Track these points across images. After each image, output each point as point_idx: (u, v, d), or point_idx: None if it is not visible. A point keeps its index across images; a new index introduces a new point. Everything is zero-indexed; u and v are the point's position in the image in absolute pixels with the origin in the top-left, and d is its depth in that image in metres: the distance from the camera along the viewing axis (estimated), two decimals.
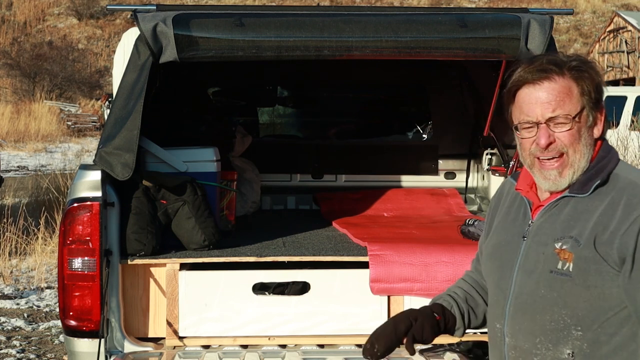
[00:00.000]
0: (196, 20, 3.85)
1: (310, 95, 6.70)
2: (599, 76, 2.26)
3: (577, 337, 2.19)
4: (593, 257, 2.16)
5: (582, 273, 2.17)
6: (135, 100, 3.82)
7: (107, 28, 45.66)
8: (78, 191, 3.79)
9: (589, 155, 2.26)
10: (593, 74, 2.25)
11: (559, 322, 2.20)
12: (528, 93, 2.27)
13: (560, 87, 2.23)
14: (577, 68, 2.25)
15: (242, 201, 5.49)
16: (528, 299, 2.27)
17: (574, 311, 2.19)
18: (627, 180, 2.21)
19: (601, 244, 2.15)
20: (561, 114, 2.22)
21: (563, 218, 2.25)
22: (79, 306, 3.78)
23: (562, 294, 2.20)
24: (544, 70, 2.24)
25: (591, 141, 2.27)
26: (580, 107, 2.23)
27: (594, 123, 2.27)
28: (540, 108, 2.24)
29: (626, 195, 2.18)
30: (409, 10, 4.27)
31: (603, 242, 2.15)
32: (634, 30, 33.80)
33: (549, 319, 2.22)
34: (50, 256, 9.08)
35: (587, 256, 2.16)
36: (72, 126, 30.42)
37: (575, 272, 2.17)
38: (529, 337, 2.26)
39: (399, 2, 45.71)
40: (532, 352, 2.25)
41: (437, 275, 3.90)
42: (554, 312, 2.21)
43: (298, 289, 4.02)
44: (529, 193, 2.37)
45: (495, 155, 5.78)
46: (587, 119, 2.25)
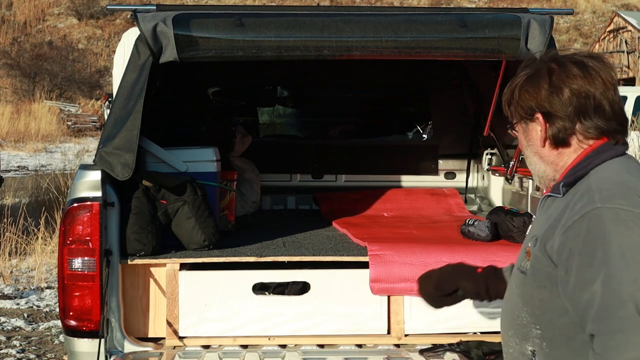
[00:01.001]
0: (196, 20, 3.85)
1: (310, 95, 6.70)
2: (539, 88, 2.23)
3: (536, 336, 2.21)
4: (542, 256, 2.16)
5: (534, 272, 2.19)
6: (135, 100, 3.82)
7: (107, 28, 45.66)
8: (78, 191, 3.79)
9: (540, 164, 2.28)
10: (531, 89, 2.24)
11: (522, 319, 2.24)
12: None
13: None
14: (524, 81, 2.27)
15: (242, 201, 5.49)
16: (507, 294, 2.36)
17: (532, 309, 2.21)
18: (588, 181, 2.17)
19: (550, 245, 2.15)
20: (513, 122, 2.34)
21: (541, 218, 2.29)
22: (79, 306, 3.78)
23: (522, 292, 2.24)
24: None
25: (536, 150, 2.27)
26: (515, 119, 2.31)
27: (530, 133, 2.28)
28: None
29: (578, 196, 2.15)
30: (409, 10, 4.28)
31: (551, 242, 2.15)
32: (634, 30, 33.80)
33: (516, 314, 2.27)
34: (50, 256, 9.08)
35: (537, 255, 2.18)
36: (72, 126, 30.42)
37: (530, 270, 2.21)
38: (507, 330, 2.33)
39: (399, 2, 45.71)
40: (508, 344, 2.32)
41: None
42: (518, 308, 2.26)
43: (298, 289, 4.02)
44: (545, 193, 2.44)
45: (495, 155, 5.78)
46: (522, 129, 2.30)
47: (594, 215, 2.05)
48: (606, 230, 2.02)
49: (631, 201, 2.05)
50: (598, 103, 2.18)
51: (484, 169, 5.92)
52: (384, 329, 3.97)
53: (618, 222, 2.02)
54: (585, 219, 2.06)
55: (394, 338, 3.95)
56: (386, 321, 3.97)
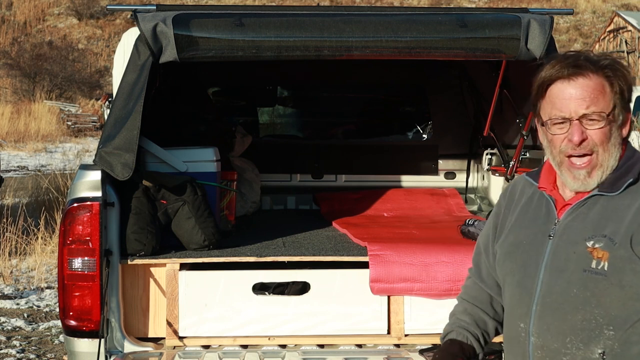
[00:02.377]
0: (196, 20, 3.85)
1: (310, 95, 6.70)
2: (630, 77, 2.26)
3: (608, 337, 2.17)
4: (629, 257, 2.14)
5: (617, 272, 2.15)
6: (135, 100, 3.82)
7: (107, 28, 45.66)
8: (78, 191, 3.79)
9: (617, 155, 2.25)
10: (625, 74, 2.24)
11: (591, 322, 2.19)
12: (561, 88, 2.24)
13: (594, 84, 2.21)
14: (610, 67, 2.23)
15: (242, 201, 5.49)
16: (558, 298, 2.24)
17: (607, 311, 2.17)
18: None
19: (637, 243, 2.14)
20: (595, 110, 2.21)
21: (593, 217, 2.23)
22: (79, 306, 3.78)
23: (595, 293, 2.18)
24: (579, 67, 2.23)
25: (620, 140, 2.26)
26: (612, 105, 2.22)
27: (623, 123, 2.26)
28: (574, 104, 2.22)
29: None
30: (409, 10, 4.27)
31: (638, 240, 2.14)
32: (634, 30, 33.81)
33: (580, 319, 2.20)
34: (50, 256, 9.07)
35: (623, 255, 2.15)
36: (72, 126, 30.41)
37: (611, 271, 2.16)
38: (558, 337, 2.23)
39: (399, 2, 45.71)
40: (562, 351, 2.23)
41: (437, 275, 3.90)
42: (587, 311, 2.19)
43: (298, 289, 4.02)
44: (553, 192, 2.36)
45: (495, 155, 5.78)
46: (617, 118, 2.24)
47: None
48: None
49: None
50: None
51: (484, 169, 5.92)
52: (384, 329, 3.97)
53: None
54: None
55: (394, 338, 3.95)
56: (386, 321, 3.97)
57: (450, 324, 2.60)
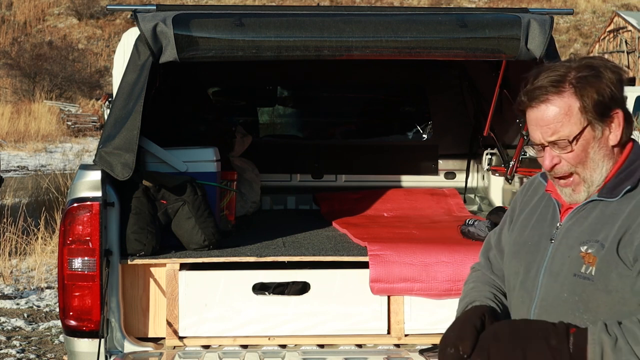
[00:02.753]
0: (196, 20, 3.85)
1: (310, 95, 6.70)
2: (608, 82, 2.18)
3: None
4: (615, 261, 2.14)
5: (603, 277, 2.15)
6: (135, 100, 3.82)
7: (107, 28, 45.67)
8: (78, 191, 3.79)
9: (603, 167, 2.22)
10: (599, 84, 2.18)
11: (581, 326, 2.17)
12: (529, 116, 2.24)
13: (557, 108, 2.18)
14: (580, 81, 2.18)
15: (242, 201, 5.49)
16: (553, 301, 2.25)
17: (595, 316, 2.17)
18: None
19: (622, 247, 2.13)
20: (560, 137, 2.19)
21: (590, 221, 2.23)
22: (79, 306, 3.78)
23: (583, 298, 2.18)
24: (541, 93, 2.19)
25: (605, 152, 2.22)
26: (581, 126, 2.18)
27: (605, 134, 2.22)
28: (540, 132, 2.21)
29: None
30: (409, 10, 4.28)
31: (623, 244, 2.13)
32: (634, 30, 33.81)
33: (572, 322, 2.18)
34: (50, 256, 9.07)
35: (609, 260, 2.14)
36: (72, 126, 30.41)
37: (597, 276, 2.15)
38: None
39: (399, 2, 45.72)
40: None
41: (437, 275, 3.91)
42: (576, 316, 2.19)
43: (298, 289, 4.02)
44: (559, 195, 2.35)
45: (495, 155, 5.78)
46: (592, 134, 2.20)
47: None
48: None
49: None
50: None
51: (484, 169, 5.92)
52: (384, 329, 3.97)
53: None
54: None
55: (394, 338, 3.95)
56: (386, 321, 3.97)
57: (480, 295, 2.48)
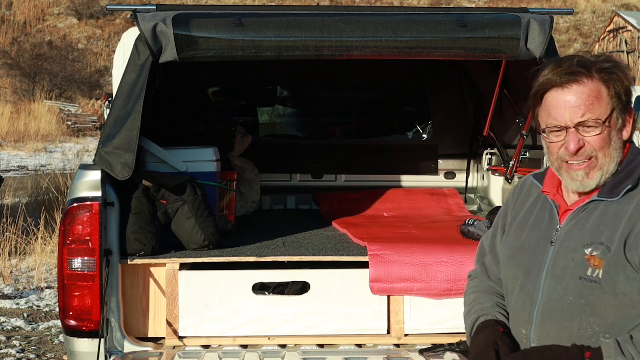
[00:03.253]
0: (196, 20, 3.85)
1: (310, 95, 6.70)
2: (628, 78, 2.22)
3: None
4: (622, 264, 2.12)
5: (611, 280, 2.14)
6: (135, 100, 3.82)
7: (107, 28, 45.66)
8: (78, 191, 3.79)
9: (618, 159, 2.23)
10: (623, 76, 2.21)
11: (587, 330, 2.17)
12: (556, 97, 2.22)
13: (589, 90, 2.19)
14: (606, 70, 2.20)
15: (242, 201, 5.49)
16: (556, 305, 2.23)
17: (602, 319, 2.15)
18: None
19: (629, 249, 2.13)
20: (591, 118, 2.18)
21: (592, 223, 2.22)
22: (79, 306, 3.78)
23: (590, 302, 2.16)
24: (573, 74, 2.20)
25: (621, 144, 2.23)
26: (610, 110, 2.19)
27: (623, 126, 2.24)
28: (570, 113, 2.19)
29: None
30: (409, 10, 4.27)
31: (630, 246, 2.12)
32: (634, 30, 33.81)
33: (577, 327, 2.18)
34: (50, 256, 9.07)
35: (616, 262, 2.13)
36: (72, 126, 30.42)
37: (605, 279, 2.14)
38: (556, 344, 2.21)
39: (399, 2, 45.71)
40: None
41: (437, 275, 3.90)
42: (582, 319, 2.18)
43: (298, 289, 4.02)
44: (556, 196, 2.34)
45: (495, 155, 5.78)
46: (616, 122, 2.22)
47: None
48: None
49: None
50: None
51: (484, 169, 5.92)
52: (384, 329, 3.97)
53: None
54: None
55: (394, 338, 3.95)
56: (386, 321, 3.97)
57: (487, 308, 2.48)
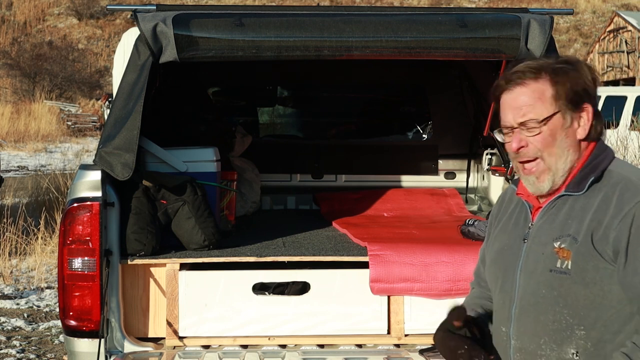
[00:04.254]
0: (196, 20, 3.85)
1: (310, 95, 6.70)
2: (585, 77, 2.26)
3: (580, 337, 2.19)
4: (590, 254, 2.17)
5: (580, 270, 2.18)
6: (135, 100, 3.82)
7: (107, 28, 45.65)
8: (78, 191, 3.79)
9: (568, 157, 2.27)
10: (577, 75, 2.26)
11: (562, 322, 2.20)
12: (504, 99, 2.32)
13: (531, 91, 2.26)
14: (556, 70, 2.26)
15: (242, 201, 5.49)
16: (531, 299, 2.27)
17: (575, 310, 2.19)
18: (620, 175, 2.23)
19: (597, 240, 2.17)
20: (531, 118, 2.25)
21: (561, 217, 2.27)
22: (79, 306, 3.78)
23: (562, 293, 2.21)
24: (518, 77, 2.28)
25: (571, 143, 2.27)
26: (552, 110, 2.25)
27: (573, 125, 2.27)
28: (512, 113, 2.28)
29: (619, 189, 2.20)
30: (409, 10, 4.27)
31: (598, 238, 2.17)
32: (634, 30, 33.79)
33: (551, 319, 2.22)
34: (50, 256, 9.07)
35: (584, 253, 2.18)
36: (72, 126, 30.42)
37: (574, 269, 2.18)
38: (533, 339, 2.26)
39: (399, 2, 45.70)
40: (537, 353, 2.25)
41: (437, 275, 3.91)
42: (556, 311, 2.21)
43: (298, 289, 4.02)
44: (529, 197, 2.40)
45: (495, 155, 5.78)
46: (562, 122, 2.26)
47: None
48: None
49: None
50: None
51: (484, 169, 5.92)
52: (384, 329, 3.97)
53: None
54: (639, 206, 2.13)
55: (394, 338, 3.95)
56: (386, 321, 3.97)
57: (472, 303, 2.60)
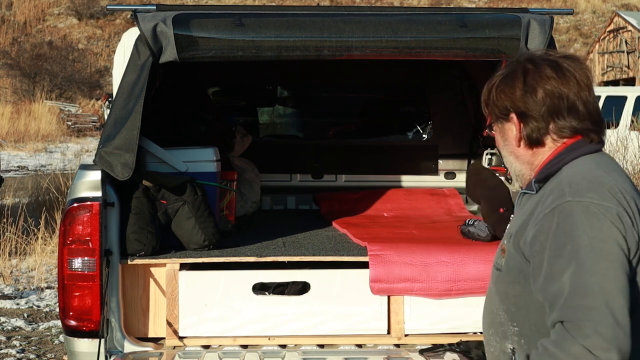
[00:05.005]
0: (196, 20, 3.85)
1: (310, 95, 6.70)
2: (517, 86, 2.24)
3: (514, 333, 2.22)
4: (516, 252, 2.20)
5: (508, 268, 2.22)
6: (135, 100, 3.82)
7: (107, 28, 45.65)
8: (78, 191, 3.79)
9: (514, 163, 2.32)
10: (506, 84, 2.26)
11: (500, 317, 2.26)
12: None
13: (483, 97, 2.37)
14: (498, 78, 2.30)
15: (242, 201, 5.49)
16: (487, 295, 2.37)
17: (507, 306, 2.23)
18: (558, 179, 2.19)
19: (520, 240, 2.19)
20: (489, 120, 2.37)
21: (518, 215, 2.32)
22: (79, 306, 3.78)
23: (498, 289, 2.27)
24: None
25: (511, 149, 2.30)
26: (491, 116, 2.33)
27: (507, 132, 2.30)
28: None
29: (547, 192, 2.18)
30: (409, 10, 4.27)
31: (521, 237, 2.19)
32: (634, 30, 33.79)
33: (495, 313, 2.28)
34: (50, 256, 9.07)
35: (511, 251, 2.22)
36: (72, 126, 30.42)
37: (505, 267, 2.24)
38: (487, 329, 2.35)
39: (399, 2, 45.70)
40: (490, 343, 2.33)
41: (437, 275, 3.91)
42: (496, 306, 2.28)
43: (298, 289, 4.02)
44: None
45: (495, 155, 5.77)
46: (498, 128, 2.33)
47: (564, 209, 2.07)
48: (576, 223, 2.04)
49: (601, 195, 2.07)
50: (572, 103, 2.20)
51: None
52: (384, 329, 3.97)
53: (588, 215, 2.04)
54: (555, 212, 2.08)
55: (394, 338, 3.96)
56: (386, 321, 3.97)
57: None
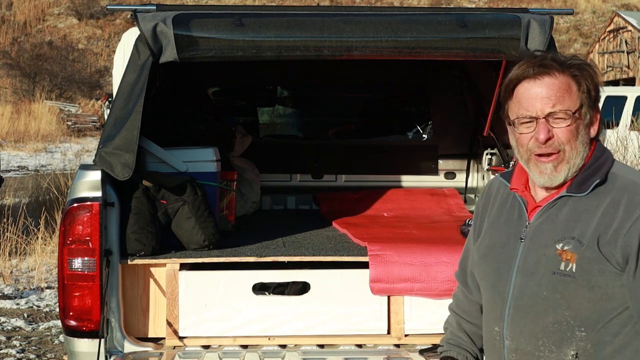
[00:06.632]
0: (196, 20, 3.85)
1: (310, 95, 6.70)
2: (597, 77, 2.27)
3: (580, 338, 2.18)
4: (596, 258, 2.15)
5: (585, 273, 2.16)
6: (135, 100, 3.82)
7: (107, 28, 45.65)
8: (78, 191, 3.79)
9: (584, 154, 2.26)
10: (592, 74, 2.26)
11: (562, 324, 2.20)
12: (528, 88, 2.26)
13: (560, 82, 2.23)
14: (577, 66, 2.25)
15: (242, 201, 5.49)
16: (529, 301, 2.25)
17: (577, 312, 2.18)
18: (626, 179, 2.22)
19: (604, 244, 2.15)
20: (560, 109, 2.22)
21: (562, 218, 2.24)
22: (79, 306, 3.78)
23: (565, 295, 2.19)
24: (545, 66, 2.24)
25: (588, 139, 2.27)
26: (579, 103, 2.23)
27: (591, 122, 2.27)
28: (540, 103, 2.23)
29: (627, 194, 2.18)
30: (409, 10, 4.27)
31: (606, 241, 2.15)
32: (634, 30, 33.79)
33: (552, 321, 2.21)
34: (50, 256, 9.07)
35: (590, 256, 2.16)
36: (72, 126, 30.42)
37: (579, 272, 2.17)
38: (531, 340, 2.25)
39: (399, 2, 45.70)
40: (535, 354, 2.24)
41: (437, 275, 3.91)
42: (557, 313, 2.20)
43: (298, 289, 4.02)
44: (524, 193, 2.37)
45: (495, 155, 5.78)
46: (585, 117, 2.25)
47: None
48: None
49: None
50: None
51: (484, 169, 5.92)
52: (384, 329, 3.97)
53: None
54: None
55: (394, 338, 3.96)
56: (386, 321, 3.97)
57: (447, 340, 2.64)
